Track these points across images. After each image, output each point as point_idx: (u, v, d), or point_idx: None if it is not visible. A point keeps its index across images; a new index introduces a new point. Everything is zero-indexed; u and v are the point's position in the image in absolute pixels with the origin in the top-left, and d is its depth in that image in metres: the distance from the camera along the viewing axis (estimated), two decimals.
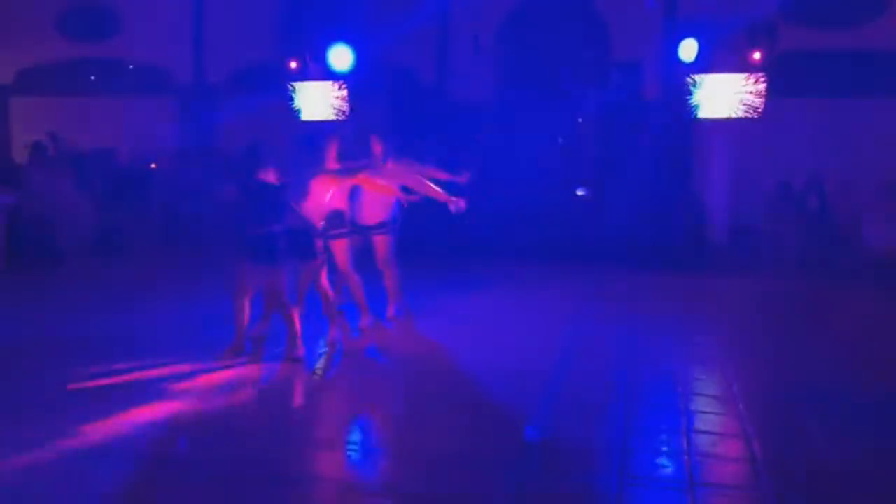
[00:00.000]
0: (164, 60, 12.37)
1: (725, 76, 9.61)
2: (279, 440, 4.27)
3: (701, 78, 9.66)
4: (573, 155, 11.41)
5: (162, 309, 7.26)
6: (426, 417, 4.65)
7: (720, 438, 4.36)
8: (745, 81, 9.55)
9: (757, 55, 9.44)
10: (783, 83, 9.71)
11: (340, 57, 10.30)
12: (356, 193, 6.51)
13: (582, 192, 10.90)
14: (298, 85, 10.76)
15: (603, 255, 9.33)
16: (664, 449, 4.16)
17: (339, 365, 5.86)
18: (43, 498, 3.57)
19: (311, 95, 10.74)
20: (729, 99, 9.63)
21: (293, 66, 10.70)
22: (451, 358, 5.98)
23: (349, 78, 10.45)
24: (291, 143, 7.39)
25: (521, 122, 11.11)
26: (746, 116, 9.65)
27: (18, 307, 7.36)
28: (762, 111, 9.55)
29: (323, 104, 10.70)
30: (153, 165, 12.25)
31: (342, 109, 10.61)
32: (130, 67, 12.72)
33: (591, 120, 11.38)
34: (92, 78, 12.93)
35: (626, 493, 3.67)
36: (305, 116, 10.77)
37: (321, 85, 10.66)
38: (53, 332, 6.45)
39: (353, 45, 10.27)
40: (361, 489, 3.68)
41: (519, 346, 6.26)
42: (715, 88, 9.67)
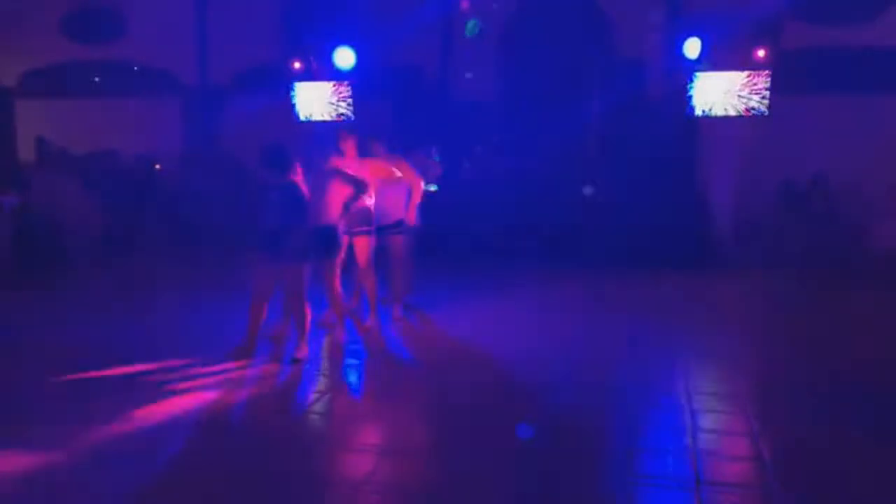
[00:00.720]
0: (168, 62, 12.40)
1: (730, 74, 9.60)
2: (286, 440, 4.28)
3: (705, 76, 9.64)
4: (578, 155, 11.41)
5: (169, 310, 7.28)
6: (430, 416, 4.66)
7: (726, 437, 4.35)
8: (749, 79, 9.53)
9: (761, 53, 9.42)
10: (788, 81, 9.69)
11: (343, 57, 10.32)
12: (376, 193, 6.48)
13: (586, 190, 10.88)
14: (302, 85, 10.77)
15: (606, 253, 9.32)
16: (670, 448, 4.15)
17: (344, 365, 5.86)
18: (54, 498, 3.59)
19: (314, 95, 10.76)
20: (733, 97, 9.61)
21: (296, 66, 10.71)
22: (454, 357, 5.98)
23: (353, 77, 10.47)
24: (302, 142, 7.40)
25: (525, 120, 11.12)
26: (751, 114, 9.63)
27: (25, 309, 7.39)
28: (766, 109, 9.53)
29: (326, 104, 10.72)
30: (158, 166, 12.29)
31: (346, 109, 10.63)
32: (135, 69, 12.76)
33: (594, 119, 11.37)
34: (96, 80, 12.97)
35: (631, 492, 3.67)
36: (308, 116, 10.79)
37: (324, 85, 10.68)
38: (60, 333, 6.47)
39: (356, 44, 10.28)
40: (368, 488, 3.68)
41: (522, 345, 6.25)
42: (719, 86, 9.66)
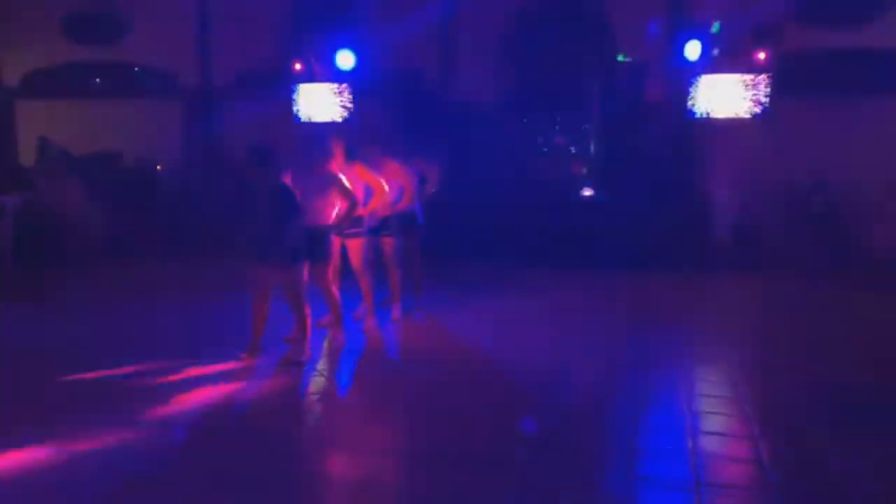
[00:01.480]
0: (169, 63, 12.42)
1: (730, 76, 9.60)
2: (285, 442, 4.29)
3: (706, 78, 9.64)
4: (578, 156, 11.43)
5: (170, 311, 7.29)
6: (431, 417, 4.66)
7: (726, 439, 4.36)
8: (749, 81, 9.53)
9: (762, 55, 9.42)
10: (789, 83, 9.68)
11: (344, 59, 10.33)
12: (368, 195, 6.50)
13: (588, 192, 10.89)
14: (303, 87, 10.79)
15: (607, 255, 9.32)
16: (670, 449, 4.15)
17: (343, 367, 5.86)
18: (53, 499, 3.59)
19: (315, 97, 10.77)
20: (734, 99, 9.61)
21: (298, 67, 10.73)
22: (455, 358, 5.98)
23: (354, 79, 10.48)
24: (297, 143, 7.41)
25: (525, 121, 11.13)
26: (752, 117, 9.63)
27: (26, 310, 7.40)
28: (767, 111, 9.53)
29: (327, 105, 10.73)
30: (159, 167, 12.30)
31: (346, 110, 10.64)
32: (136, 70, 12.77)
33: (595, 120, 11.38)
34: (98, 81, 12.99)
35: (632, 492, 3.68)
36: (310, 118, 10.80)
37: (325, 86, 10.69)
38: (61, 333, 6.48)
39: (357, 46, 10.29)
40: (367, 490, 3.68)
41: (522, 346, 6.25)
42: (720, 88, 9.66)
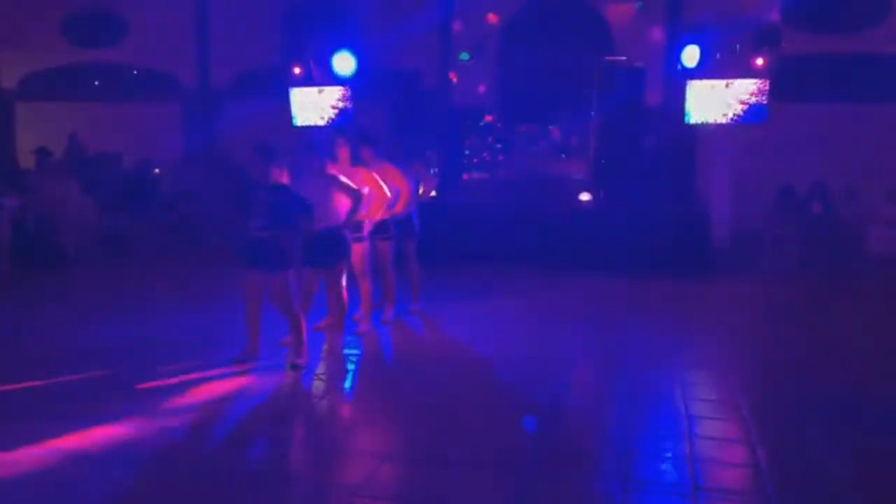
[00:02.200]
0: (168, 65, 12.44)
1: (728, 81, 9.61)
2: (284, 444, 4.28)
3: (704, 83, 9.66)
4: (576, 159, 11.45)
5: (166, 313, 7.27)
6: (427, 421, 4.65)
7: (723, 443, 4.36)
8: (748, 86, 9.55)
9: (760, 60, 9.44)
10: (786, 88, 9.71)
11: (343, 62, 10.33)
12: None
13: (585, 196, 10.90)
14: (301, 90, 10.79)
15: (605, 259, 9.33)
16: (667, 454, 4.15)
17: (341, 369, 5.86)
18: (51, 499, 3.59)
19: (313, 99, 10.77)
20: (732, 104, 9.63)
21: (296, 71, 10.73)
22: (451, 362, 5.98)
23: (352, 83, 10.49)
24: (297, 146, 7.41)
25: (522, 126, 11.15)
26: (749, 121, 9.64)
27: (23, 311, 7.38)
28: (765, 116, 9.55)
29: (325, 108, 10.74)
30: (157, 170, 12.30)
31: (345, 113, 10.64)
32: (135, 72, 12.79)
33: (593, 124, 11.40)
34: (96, 83, 13.00)
35: (628, 497, 3.67)
36: (308, 121, 10.81)
37: (324, 89, 10.69)
38: (57, 335, 6.47)
39: (355, 49, 10.30)
40: (366, 493, 3.68)
41: (520, 350, 6.25)
42: (717, 93, 9.68)
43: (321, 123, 10.63)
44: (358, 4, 10.71)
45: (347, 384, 5.59)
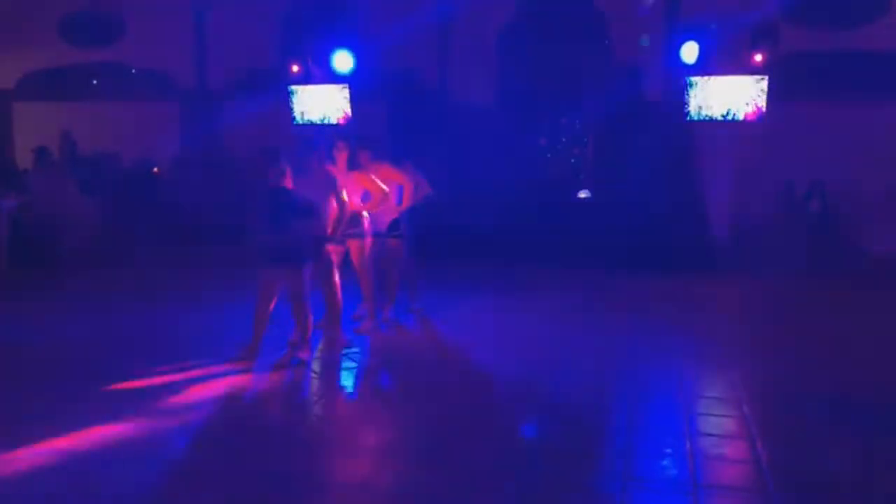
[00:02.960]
0: (166, 65, 12.39)
1: (727, 78, 9.60)
2: (284, 442, 4.27)
3: (703, 80, 9.65)
4: (575, 158, 11.44)
5: (166, 312, 7.26)
6: (427, 419, 4.64)
7: (724, 440, 4.34)
8: (747, 83, 9.54)
9: (759, 57, 9.43)
10: (785, 85, 9.69)
11: (341, 60, 10.31)
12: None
13: (584, 194, 10.89)
14: (300, 88, 10.77)
15: (605, 256, 9.31)
16: (667, 451, 4.14)
17: (340, 367, 5.85)
18: (51, 499, 3.57)
19: (312, 99, 10.76)
20: (731, 101, 9.61)
21: (295, 69, 10.71)
22: (452, 359, 5.99)
23: (350, 81, 10.47)
24: (296, 146, 7.39)
25: (522, 123, 11.13)
26: (748, 119, 9.63)
27: (22, 311, 7.37)
28: (764, 113, 9.53)
29: (325, 107, 10.72)
30: (156, 170, 12.28)
31: (344, 112, 10.63)
32: (133, 72, 12.75)
33: (592, 122, 11.39)
34: (94, 82, 12.97)
35: (629, 494, 3.66)
36: (307, 120, 10.79)
37: (323, 88, 10.67)
38: (55, 335, 6.46)
39: (354, 48, 10.28)
40: (366, 491, 3.67)
41: (520, 347, 6.25)
42: (717, 90, 9.66)
43: (324, 122, 10.61)
44: (357, 4, 10.69)
45: (347, 382, 5.58)
